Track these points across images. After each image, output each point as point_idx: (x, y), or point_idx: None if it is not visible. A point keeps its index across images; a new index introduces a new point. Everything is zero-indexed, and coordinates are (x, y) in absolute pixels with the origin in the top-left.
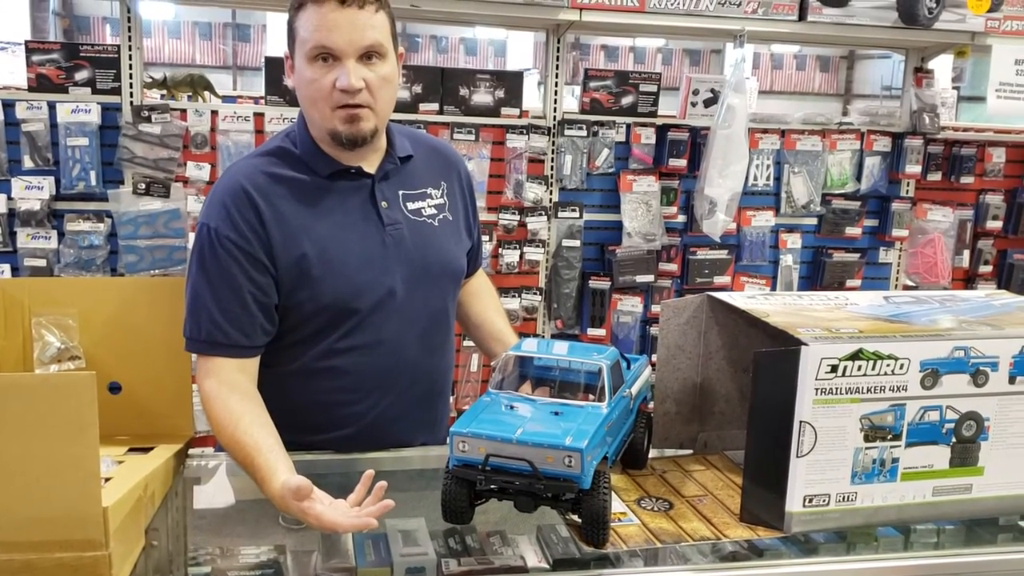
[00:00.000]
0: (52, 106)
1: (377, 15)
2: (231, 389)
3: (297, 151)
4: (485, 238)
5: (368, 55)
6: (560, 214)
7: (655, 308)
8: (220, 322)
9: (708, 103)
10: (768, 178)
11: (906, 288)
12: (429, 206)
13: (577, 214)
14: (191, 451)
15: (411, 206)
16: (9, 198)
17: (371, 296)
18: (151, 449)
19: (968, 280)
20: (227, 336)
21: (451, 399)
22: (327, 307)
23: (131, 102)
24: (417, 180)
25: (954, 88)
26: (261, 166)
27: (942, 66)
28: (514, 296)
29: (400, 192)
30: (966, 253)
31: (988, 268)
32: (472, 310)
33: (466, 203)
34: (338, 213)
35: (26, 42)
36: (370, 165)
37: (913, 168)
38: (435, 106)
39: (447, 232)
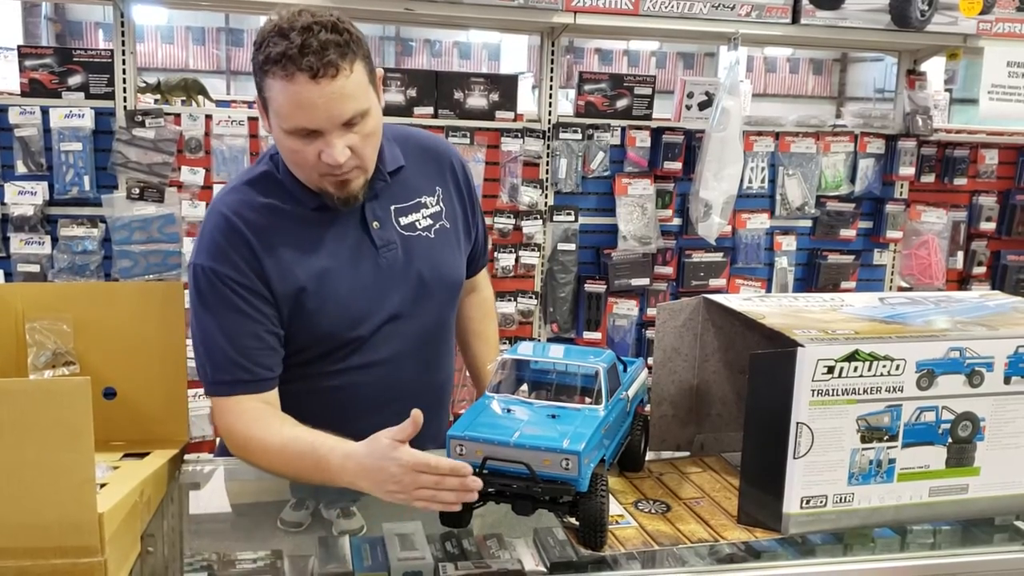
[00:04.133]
0: (45, 111)
1: (353, 74)
2: (259, 416)
3: (281, 176)
4: None
5: (350, 122)
6: (555, 218)
7: (651, 311)
8: (240, 360)
9: (703, 106)
10: (763, 180)
11: (900, 290)
12: (424, 217)
13: (572, 218)
14: (186, 456)
15: (404, 221)
16: (2, 203)
17: (368, 324)
18: (146, 455)
19: (962, 281)
20: (251, 373)
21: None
22: (323, 338)
23: (125, 107)
24: (410, 190)
25: (946, 91)
26: (247, 198)
27: (934, 69)
28: (510, 300)
29: (392, 207)
30: (960, 254)
31: (982, 269)
32: (466, 341)
33: (464, 202)
34: (329, 242)
35: (19, 47)
36: None
37: (907, 170)
38: (429, 109)
39: (444, 242)
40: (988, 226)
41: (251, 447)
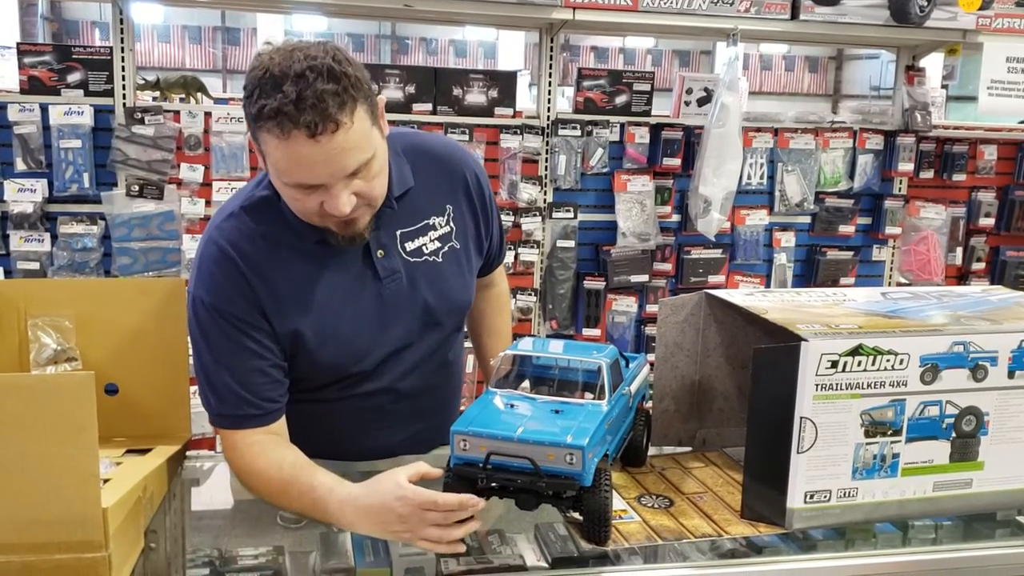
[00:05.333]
0: (44, 108)
1: (354, 124)
2: (262, 451)
3: (281, 204)
4: None
5: (354, 172)
6: (554, 214)
7: (650, 308)
8: (245, 395)
9: (702, 102)
10: (762, 177)
11: (900, 286)
12: (432, 240)
13: (571, 214)
14: (189, 452)
15: (410, 246)
16: (1, 201)
17: (372, 358)
18: (149, 451)
19: (961, 277)
20: (257, 407)
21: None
22: (326, 371)
23: (124, 104)
24: (418, 213)
25: (943, 87)
26: (244, 227)
27: (932, 67)
28: (509, 297)
29: (398, 233)
30: (959, 250)
31: (981, 265)
32: (478, 335)
33: (476, 215)
34: (330, 275)
35: (18, 44)
36: None
37: (905, 166)
38: (428, 106)
39: (452, 266)
40: (987, 222)
41: (253, 483)
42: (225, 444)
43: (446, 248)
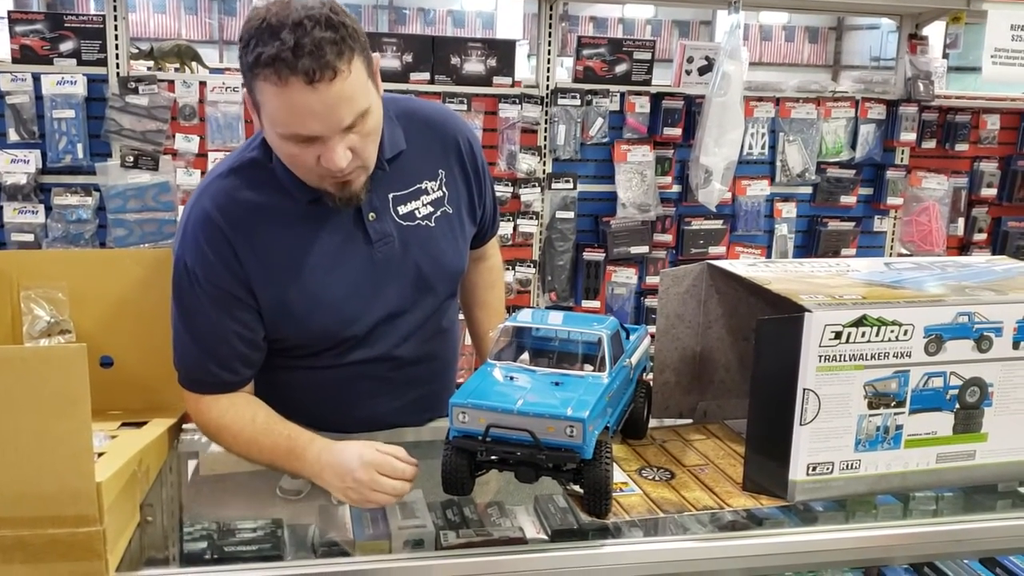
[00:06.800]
0: (37, 78)
1: (351, 74)
2: (228, 407)
3: (273, 165)
4: None
5: (351, 124)
6: (554, 185)
7: (650, 279)
8: (203, 362)
9: (703, 71)
10: (763, 147)
11: (900, 256)
12: (424, 204)
13: (571, 185)
14: (185, 425)
15: (402, 210)
16: None
17: (363, 323)
18: (144, 424)
19: (963, 248)
20: (213, 375)
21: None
22: (317, 338)
23: (118, 73)
24: (410, 176)
25: (944, 57)
26: (232, 190)
27: (934, 37)
28: (508, 269)
29: (390, 196)
30: (961, 221)
31: (983, 236)
32: (470, 308)
33: (469, 182)
34: (320, 239)
35: (9, 12)
36: None
37: (908, 136)
38: (426, 75)
39: (444, 231)
40: (989, 192)
41: (221, 437)
42: (188, 401)
43: (439, 213)
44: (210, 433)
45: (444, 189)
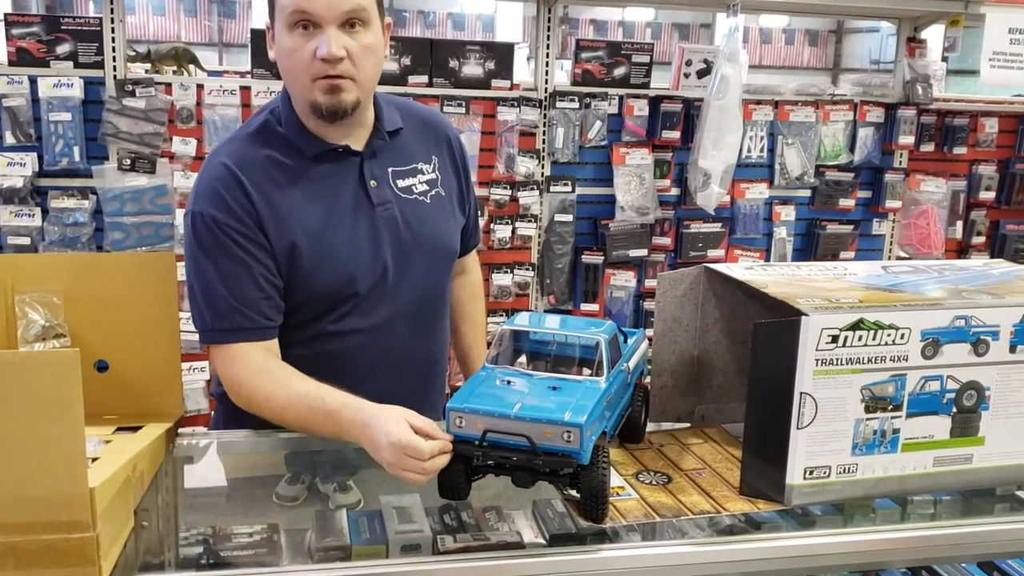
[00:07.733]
0: (33, 80)
1: None
2: (264, 364)
3: (281, 129)
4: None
5: (351, 22)
6: (552, 188)
7: (648, 283)
8: (240, 307)
9: (701, 74)
10: (762, 150)
11: (899, 259)
12: (420, 182)
13: (569, 188)
14: (181, 430)
15: (401, 184)
16: None
17: (364, 282)
18: (140, 428)
19: (961, 251)
20: (251, 320)
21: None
22: (319, 295)
23: (115, 76)
24: (407, 155)
25: (943, 60)
26: (245, 149)
27: (932, 40)
28: (506, 272)
29: (390, 169)
30: (959, 224)
31: (981, 239)
32: (453, 322)
33: (459, 176)
34: (327, 196)
35: (5, 15)
36: (357, 142)
37: (906, 139)
38: (424, 78)
39: (439, 209)
40: (987, 195)
41: (254, 399)
42: (220, 361)
43: (433, 192)
44: (242, 396)
45: (437, 172)
